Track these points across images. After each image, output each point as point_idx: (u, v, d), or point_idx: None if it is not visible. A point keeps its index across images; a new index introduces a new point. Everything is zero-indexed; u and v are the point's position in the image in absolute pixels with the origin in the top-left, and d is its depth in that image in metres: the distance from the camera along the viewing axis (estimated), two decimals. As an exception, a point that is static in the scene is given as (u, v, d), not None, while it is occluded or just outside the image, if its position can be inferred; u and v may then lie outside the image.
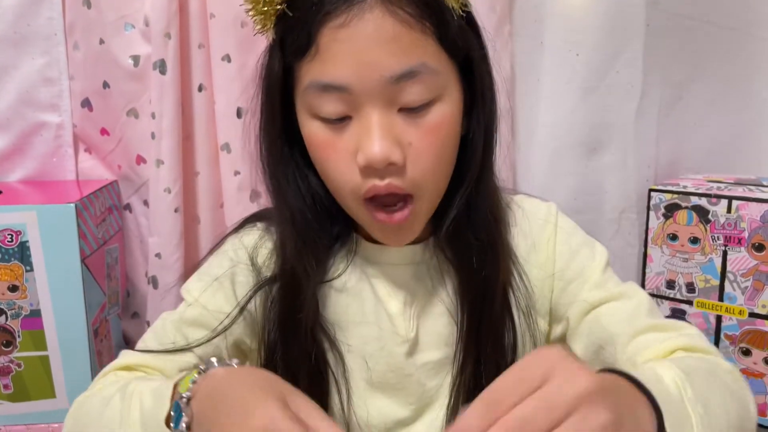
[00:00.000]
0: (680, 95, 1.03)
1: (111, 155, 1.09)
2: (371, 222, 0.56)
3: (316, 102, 0.52)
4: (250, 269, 0.62)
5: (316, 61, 0.51)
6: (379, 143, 0.50)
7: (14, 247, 0.88)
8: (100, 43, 1.02)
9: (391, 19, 0.50)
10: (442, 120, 0.53)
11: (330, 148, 0.53)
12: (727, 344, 0.80)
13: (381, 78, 0.50)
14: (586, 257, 0.62)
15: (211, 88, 1.02)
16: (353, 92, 0.51)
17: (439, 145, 0.54)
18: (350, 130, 0.52)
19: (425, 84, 0.51)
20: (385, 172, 0.52)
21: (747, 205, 0.77)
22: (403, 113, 0.52)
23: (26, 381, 0.92)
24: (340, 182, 0.54)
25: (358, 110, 0.52)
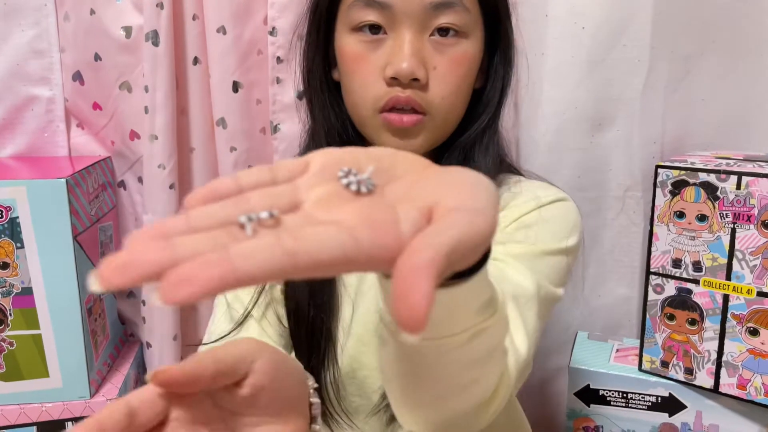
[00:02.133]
0: (688, 69, 1.00)
1: (104, 130, 1.07)
2: (381, 128, 0.61)
3: (358, 15, 0.59)
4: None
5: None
6: (408, 59, 0.58)
7: (4, 224, 0.86)
8: (90, 13, 0.99)
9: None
10: (465, 55, 0.61)
11: (362, 60, 0.60)
12: (734, 324, 0.79)
13: (421, 2, 0.58)
14: (537, 234, 0.61)
15: (206, 61, 0.99)
16: (394, 10, 0.58)
17: (459, 76, 0.61)
18: (383, 47, 0.60)
19: (458, 17, 0.59)
20: (408, 86, 0.59)
21: (757, 181, 0.75)
22: (433, 41, 0.60)
23: (19, 360, 0.91)
24: (364, 93, 0.61)
25: (395, 29, 0.59)
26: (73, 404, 0.93)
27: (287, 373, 0.41)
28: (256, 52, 1.01)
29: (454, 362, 0.38)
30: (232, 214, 0.26)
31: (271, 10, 0.98)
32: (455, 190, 0.28)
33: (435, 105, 0.60)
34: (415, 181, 0.30)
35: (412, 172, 0.31)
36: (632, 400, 0.88)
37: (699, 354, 0.82)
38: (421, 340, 0.33)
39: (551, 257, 0.62)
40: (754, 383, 0.79)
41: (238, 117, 1.00)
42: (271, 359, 0.40)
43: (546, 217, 0.64)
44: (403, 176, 0.31)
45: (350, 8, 0.60)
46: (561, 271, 0.62)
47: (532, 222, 0.63)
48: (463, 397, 0.42)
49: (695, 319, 0.81)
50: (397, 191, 0.29)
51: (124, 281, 0.23)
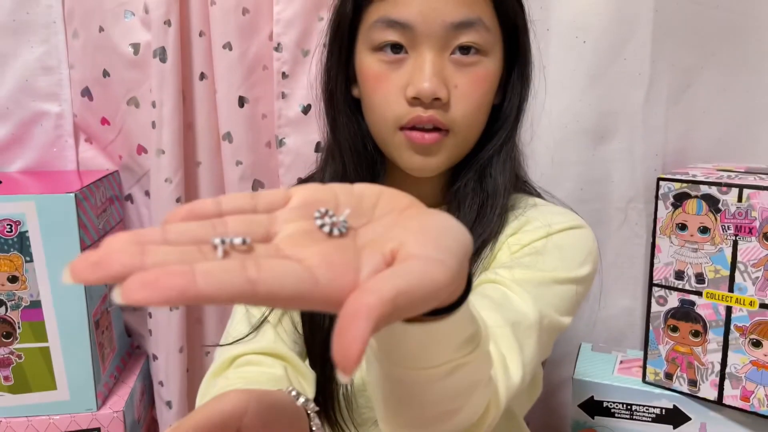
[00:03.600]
0: (689, 82, 1.01)
1: (112, 145, 1.08)
2: (402, 145, 0.62)
3: (379, 35, 0.60)
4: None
5: (388, 1, 0.60)
6: (430, 79, 0.58)
7: (13, 238, 0.87)
8: (99, 30, 1.01)
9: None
10: (486, 73, 0.61)
11: (383, 80, 0.61)
12: (737, 335, 0.79)
13: (442, 22, 0.58)
14: (546, 261, 0.61)
15: (213, 77, 1.01)
16: (415, 31, 0.59)
17: (480, 94, 0.61)
18: (404, 67, 0.60)
19: (478, 36, 0.59)
20: (430, 106, 0.59)
21: (758, 194, 0.75)
22: (454, 59, 0.60)
23: (27, 373, 0.92)
24: (385, 111, 0.61)
25: (416, 48, 0.59)
26: (80, 416, 0.93)
27: (279, 416, 0.42)
28: (262, 67, 1.02)
29: (435, 392, 0.39)
30: (208, 234, 0.27)
31: (277, 26, 1.00)
32: (422, 237, 0.29)
33: (457, 123, 0.61)
34: (391, 223, 0.31)
35: (391, 212, 0.32)
36: (636, 412, 0.88)
37: (703, 366, 0.82)
38: (396, 370, 0.35)
39: (560, 286, 0.61)
40: (757, 395, 0.79)
41: (243, 131, 1.02)
42: (260, 411, 0.40)
43: (558, 244, 0.63)
44: (381, 217, 0.31)
45: (371, 28, 0.61)
46: (569, 300, 0.61)
47: (542, 249, 0.63)
48: (447, 423, 0.43)
49: (698, 330, 0.82)
50: (370, 234, 0.30)
51: (94, 278, 0.24)
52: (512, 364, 0.52)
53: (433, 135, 0.60)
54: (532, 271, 0.60)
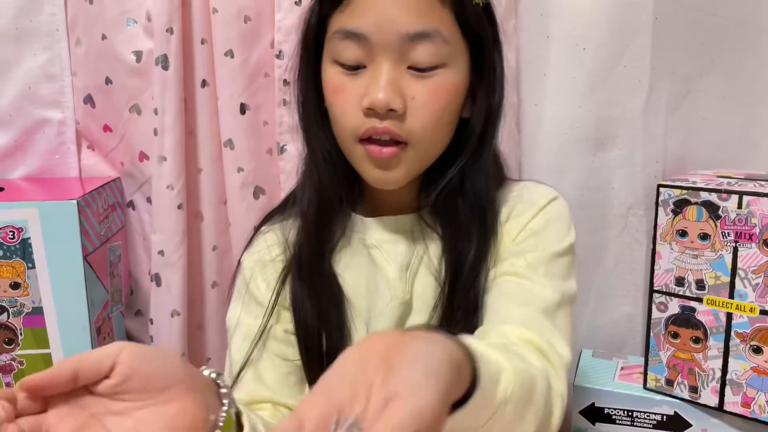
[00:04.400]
0: (689, 89, 1.02)
1: (114, 152, 1.09)
2: (362, 159, 0.62)
3: (338, 47, 0.60)
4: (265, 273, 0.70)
5: (346, 11, 0.59)
6: (384, 90, 0.57)
7: (16, 244, 0.88)
8: (102, 38, 1.02)
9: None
10: (445, 85, 0.60)
11: (342, 91, 0.61)
12: (738, 342, 0.79)
13: (397, 33, 0.58)
14: (544, 238, 0.65)
15: (214, 84, 1.01)
16: (371, 42, 0.58)
17: (439, 105, 0.60)
18: (362, 78, 0.60)
19: (436, 48, 0.58)
20: (385, 117, 0.59)
21: (758, 200, 0.76)
22: (411, 71, 0.59)
23: (29, 379, 0.92)
24: (344, 123, 0.61)
25: (373, 60, 0.59)
26: (81, 423, 0.93)
27: (157, 360, 0.45)
28: (263, 74, 1.03)
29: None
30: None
31: (278, 33, 1.00)
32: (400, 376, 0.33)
33: (415, 134, 0.60)
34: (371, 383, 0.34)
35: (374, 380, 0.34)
36: (637, 418, 0.88)
37: (703, 372, 0.82)
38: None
39: (560, 258, 0.65)
40: (758, 401, 0.79)
41: (245, 138, 1.02)
42: (136, 351, 0.44)
43: (547, 219, 0.67)
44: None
45: (331, 40, 0.61)
46: (570, 267, 0.66)
47: (538, 228, 0.66)
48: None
49: (699, 337, 0.82)
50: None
51: None
52: (559, 346, 0.58)
53: (390, 149, 0.60)
54: (538, 253, 0.64)
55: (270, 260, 0.70)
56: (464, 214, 0.64)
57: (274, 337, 0.68)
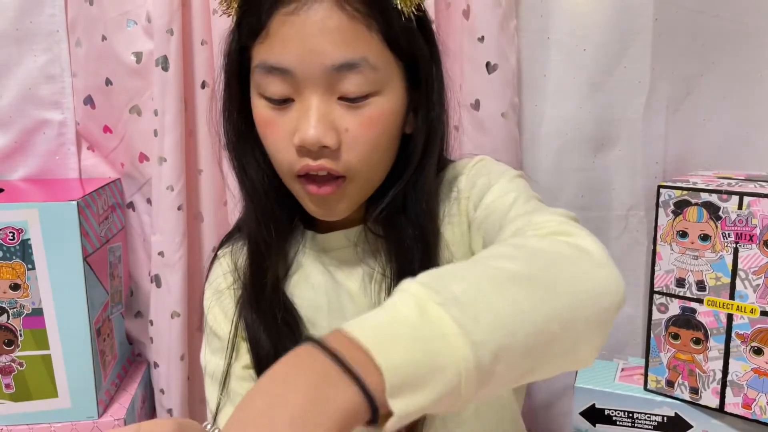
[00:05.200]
0: (689, 90, 1.02)
1: (114, 153, 1.09)
2: (303, 195, 0.60)
3: (262, 82, 0.56)
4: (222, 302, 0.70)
5: (265, 44, 0.55)
6: (314, 126, 0.54)
7: (16, 245, 0.88)
8: (102, 39, 1.02)
9: (338, 11, 0.53)
10: (380, 113, 0.56)
11: (272, 126, 0.57)
12: (739, 343, 0.79)
13: (322, 65, 0.54)
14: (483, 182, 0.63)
15: (214, 85, 1.01)
16: (296, 76, 0.54)
17: (374, 135, 0.57)
18: (291, 112, 0.56)
19: (365, 77, 0.54)
20: (319, 154, 0.56)
21: (758, 201, 0.75)
22: (342, 102, 0.55)
23: (28, 380, 0.92)
24: (279, 158, 0.58)
25: (300, 94, 0.55)
26: (81, 424, 0.93)
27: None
28: (263, 75, 1.03)
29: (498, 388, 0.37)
30: None
31: (278, 34, 1.00)
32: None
33: (353, 168, 0.57)
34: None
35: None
36: (638, 419, 0.88)
37: (704, 373, 0.82)
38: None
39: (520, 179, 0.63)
40: (759, 402, 0.79)
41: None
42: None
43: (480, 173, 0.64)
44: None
45: (255, 72, 0.57)
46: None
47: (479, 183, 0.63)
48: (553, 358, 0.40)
49: (700, 338, 0.82)
50: None
51: None
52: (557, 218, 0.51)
53: (328, 186, 0.57)
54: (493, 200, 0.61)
55: (226, 288, 0.69)
56: (407, 232, 0.62)
57: (235, 375, 0.66)
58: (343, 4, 0.53)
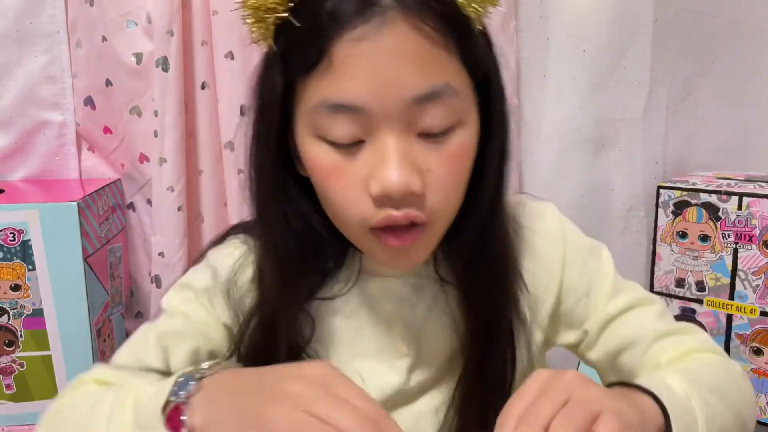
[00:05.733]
0: (689, 91, 1.02)
1: (114, 154, 1.09)
2: (376, 247, 0.51)
3: (324, 123, 0.47)
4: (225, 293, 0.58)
5: (328, 77, 0.46)
6: (398, 170, 0.46)
7: (16, 246, 0.88)
8: (102, 40, 1.02)
9: (414, 34, 0.45)
10: (463, 146, 0.49)
11: (337, 174, 0.48)
12: (738, 343, 0.79)
13: (402, 99, 0.46)
14: (595, 267, 0.59)
15: (215, 86, 1.01)
16: (370, 114, 0.46)
17: (459, 173, 0.50)
18: (362, 156, 0.47)
19: (448, 106, 0.47)
20: (402, 202, 0.47)
21: (758, 201, 0.76)
22: (421, 138, 0.48)
23: (29, 381, 0.92)
24: (347, 211, 0.49)
25: (373, 133, 0.47)
26: (81, 425, 0.93)
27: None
28: (264, 76, 1.03)
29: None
30: None
31: (278, 35, 1.00)
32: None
33: (435, 212, 0.49)
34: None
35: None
36: (638, 420, 0.88)
37: (704, 374, 0.82)
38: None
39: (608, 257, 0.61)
40: (759, 403, 0.79)
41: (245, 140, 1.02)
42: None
43: (572, 237, 0.60)
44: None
45: (313, 112, 0.47)
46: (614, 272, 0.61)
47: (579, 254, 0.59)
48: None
49: (699, 338, 0.82)
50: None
51: None
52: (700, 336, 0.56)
53: (411, 235, 0.49)
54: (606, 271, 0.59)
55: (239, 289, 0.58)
56: (485, 277, 0.56)
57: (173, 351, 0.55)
58: (419, 23, 0.45)
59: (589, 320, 0.59)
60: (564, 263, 0.59)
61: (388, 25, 0.45)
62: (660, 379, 0.46)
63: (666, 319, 0.58)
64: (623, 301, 0.58)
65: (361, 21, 0.45)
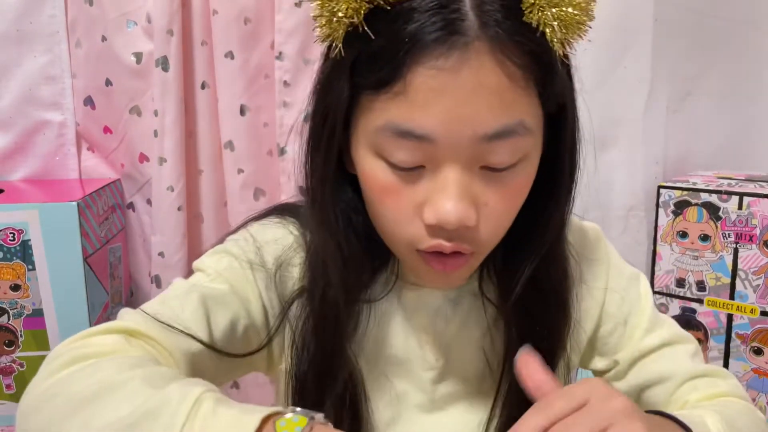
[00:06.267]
0: (689, 91, 1.02)
1: (114, 153, 1.09)
2: (420, 267, 0.51)
3: (388, 145, 0.46)
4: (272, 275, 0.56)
5: (399, 101, 0.44)
6: (456, 204, 0.45)
7: (16, 246, 0.88)
8: (102, 40, 1.02)
9: (496, 69, 0.43)
10: (524, 181, 0.48)
11: (393, 194, 0.47)
12: (738, 343, 0.79)
13: (473, 134, 0.44)
14: (635, 297, 0.60)
15: (214, 86, 1.01)
16: (437, 144, 0.44)
17: (514, 207, 0.49)
18: (421, 181, 0.46)
19: (518, 144, 0.45)
20: (455, 234, 0.46)
21: (758, 201, 0.76)
22: (483, 171, 0.46)
23: (29, 381, 0.91)
24: (397, 231, 0.49)
25: (436, 163, 0.45)
26: (81, 425, 0.93)
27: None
28: (263, 76, 1.03)
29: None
30: None
31: (278, 35, 1.00)
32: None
33: (483, 244, 0.49)
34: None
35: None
36: (638, 419, 0.88)
37: (704, 373, 0.82)
38: None
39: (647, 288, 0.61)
40: (759, 403, 0.79)
41: (245, 140, 1.02)
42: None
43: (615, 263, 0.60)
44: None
45: (377, 133, 0.46)
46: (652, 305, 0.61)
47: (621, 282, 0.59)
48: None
49: (700, 338, 0.82)
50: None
51: None
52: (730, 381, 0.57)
53: (456, 261, 0.49)
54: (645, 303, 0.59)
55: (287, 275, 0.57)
56: (539, 306, 0.55)
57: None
58: (503, 59, 0.43)
59: (623, 351, 0.58)
60: (606, 289, 0.59)
61: (471, 59, 0.43)
62: (698, 417, 0.46)
63: (698, 359, 0.59)
64: (659, 337, 0.57)
65: (444, 50, 0.42)
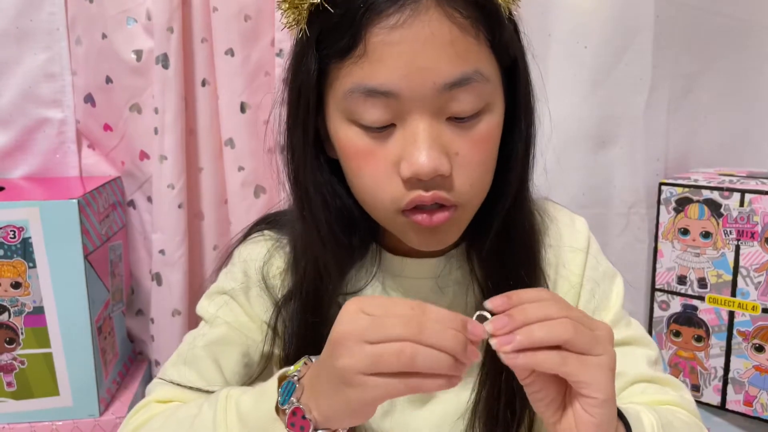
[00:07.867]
0: (690, 87, 1.02)
1: (114, 151, 1.09)
2: (406, 227, 0.53)
3: (357, 107, 0.49)
4: (263, 286, 0.60)
5: (362, 63, 0.48)
6: (427, 153, 0.48)
7: (17, 244, 0.88)
8: (102, 37, 1.01)
9: (446, 21, 0.47)
10: (490, 130, 0.51)
11: (369, 156, 0.50)
12: (740, 340, 0.79)
13: (434, 84, 0.47)
14: (605, 293, 0.61)
15: (215, 83, 1.01)
16: (401, 98, 0.48)
17: (486, 156, 0.51)
18: (393, 139, 0.49)
19: (477, 92, 0.49)
20: (431, 184, 0.49)
21: (760, 198, 0.75)
22: (450, 122, 0.49)
23: (29, 379, 0.92)
24: (378, 193, 0.51)
25: (404, 118, 0.49)
26: (82, 422, 0.93)
27: None
28: (264, 73, 1.03)
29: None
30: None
31: (278, 32, 1.00)
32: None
33: (464, 194, 0.51)
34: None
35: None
36: (639, 417, 0.88)
37: (705, 371, 0.82)
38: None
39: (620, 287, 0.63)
40: (760, 400, 0.79)
41: (245, 137, 1.02)
42: None
43: (595, 254, 0.62)
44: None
45: (346, 97, 0.49)
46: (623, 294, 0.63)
47: (597, 273, 0.61)
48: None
49: (701, 335, 0.82)
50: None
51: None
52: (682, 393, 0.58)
53: (441, 215, 0.51)
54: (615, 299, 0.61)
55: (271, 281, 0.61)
56: (510, 259, 0.57)
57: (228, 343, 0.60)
58: (452, 12, 0.47)
59: None
60: (582, 279, 0.61)
61: (421, 14, 0.46)
62: (635, 412, 0.48)
63: (657, 367, 0.59)
64: (619, 334, 0.58)
65: (395, 9, 0.46)
